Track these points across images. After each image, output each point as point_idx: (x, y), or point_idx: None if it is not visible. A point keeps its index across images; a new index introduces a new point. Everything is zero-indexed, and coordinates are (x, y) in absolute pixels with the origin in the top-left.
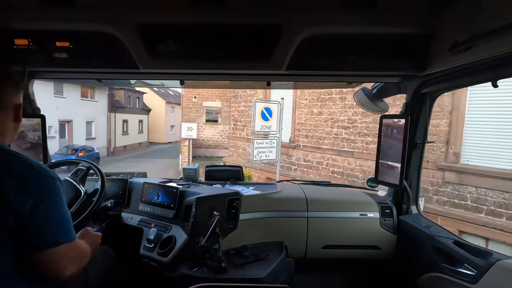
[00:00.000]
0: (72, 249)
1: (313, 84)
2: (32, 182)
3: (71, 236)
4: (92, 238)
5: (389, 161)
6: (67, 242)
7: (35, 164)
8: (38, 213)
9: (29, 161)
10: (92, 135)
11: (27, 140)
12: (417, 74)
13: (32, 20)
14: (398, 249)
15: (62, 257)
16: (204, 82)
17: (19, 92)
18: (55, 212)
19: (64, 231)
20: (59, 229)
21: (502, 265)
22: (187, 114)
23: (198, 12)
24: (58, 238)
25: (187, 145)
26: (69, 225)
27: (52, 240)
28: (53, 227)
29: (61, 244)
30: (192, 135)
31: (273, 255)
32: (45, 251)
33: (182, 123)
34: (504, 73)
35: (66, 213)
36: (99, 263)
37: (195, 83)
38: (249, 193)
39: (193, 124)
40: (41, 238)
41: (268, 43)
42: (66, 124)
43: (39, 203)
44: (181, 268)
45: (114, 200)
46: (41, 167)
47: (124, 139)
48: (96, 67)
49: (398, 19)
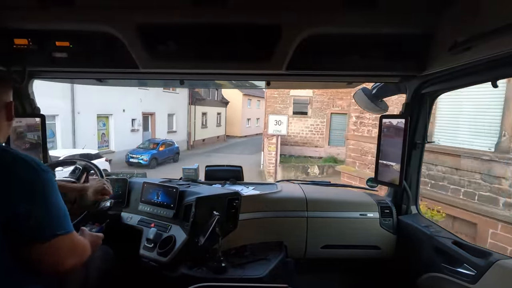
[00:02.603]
0: (69, 241)
1: (313, 84)
2: (24, 176)
3: (68, 228)
4: (92, 239)
5: (389, 161)
6: (64, 234)
7: (26, 157)
8: (31, 206)
9: (20, 155)
10: (173, 128)
11: (28, 140)
12: (417, 74)
13: (32, 20)
14: (398, 249)
15: (60, 249)
16: (204, 82)
17: (9, 91)
18: (49, 205)
19: (59, 223)
20: (54, 221)
21: (502, 265)
22: (272, 106)
23: (198, 12)
24: (53, 231)
25: (274, 143)
26: (65, 217)
27: (48, 232)
28: (48, 220)
29: (57, 236)
30: (281, 131)
31: (272, 255)
32: (42, 244)
33: (269, 115)
34: (503, 73)
35: (61, 205)
36: (99, 263)
37: (195, 83)
38: (249, 193)
39: (283, 117)
40: (36, 231)
41: (268, 43)
42: (149, 116)
43: (32, 196)
44: (181, 268)
45: (113, 200)
46: (33, 160)
47: (203, 132)
48: (96, 67)
49: (398, 19)
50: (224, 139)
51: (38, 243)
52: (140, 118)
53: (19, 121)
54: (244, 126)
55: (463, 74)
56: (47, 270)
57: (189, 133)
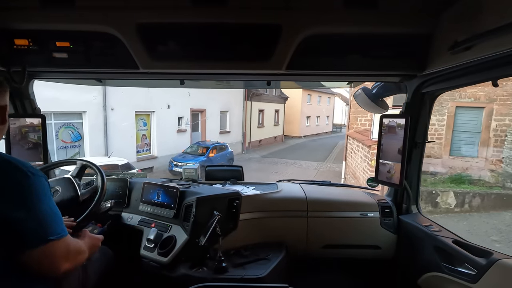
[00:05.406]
0: (63, 245)
1: (313, 83)
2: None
3: (61, 232)
4: (91, 241)
5: (389, 161)
6: (57, 239)
7: (16, 161)
8: (22, 211)
9: (8, 159)
10: (226, 128)
11: (30, 140)
12: (417, 74)
13: (32, 20)
14: (398, 248)
15: (53, 254)
16: (204, 82)
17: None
18: (40, 209)
19: (52, 228)
20: (47, 226)
21: (502, 265)
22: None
23: (198, 12)
24: (45, 236)
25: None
26: (57, 221)
27: (40, 237)
28: (42, 225)
29: (50, 242)
30: None
31: (273, 255)
32: (34, 249)
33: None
34: (504, 72)
35: (53, 209)
36: (99, 263)
37: (195, 83)
38: (249, 193)
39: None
40: (28, 236)
41: (268, 42)
42: (199, 114)
43: (22, 201)
44: (181, 268)
45: (114, 200)
46: (22, 164)
47: (259, 132)
48: (96, 67)
49: (398, 19)
50: (282, 140)
51: (30, 249)
52: (188, 116)
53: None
54: (303, 125)
55: (464, 74)
56: (43, 274)
57: (244, 134)
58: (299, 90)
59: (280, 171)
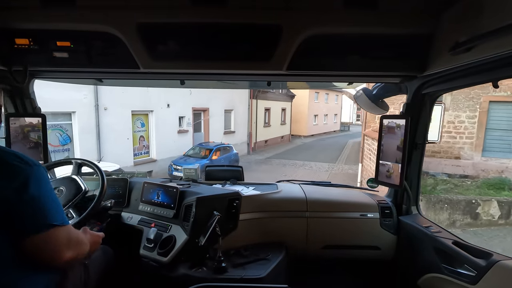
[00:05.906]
0: (65, 233)
1: (313, 84)
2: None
3: (63, 220)
4: (92, 238)
5: (390, 162)
6: (59, 225)
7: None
8: (24, 198)
9: (6, 150)
10: (231, 128)
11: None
12: (418, 75)
13: (33, 20)
14: (398, 249)
15: (56, 240)
16: (205, 82)
17: None
18: (42, 196)
19: (54, 214)
20: (48, 212)
21: (502, 266)
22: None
23: (198, 12)
24: (48, 221)
25: None
26: (59, 209)
27: (42, 223)
28: (42, 211)
29: (53, 227)
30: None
31: (273, 255)
32: (37, 235)
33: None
34: (504, 73)
35: (54, 197)
36: (99, 263)
37: (196, 83)
38: (249, 193)
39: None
40: (30, 222)
41: (269, 43)
42: (201, 113)
43: (24, 188)
44: (181, 268)
45: (114, 199)
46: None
47: (265, 132)
48: (97, 67)
49: (399, 20)
50: (289, 140)
51: (33, 235)
52: (189, 116)
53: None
54: (311, 123)
55: (464, 75)
56: (45, 262)
57: (250, 134)
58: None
59: (290, 174)
